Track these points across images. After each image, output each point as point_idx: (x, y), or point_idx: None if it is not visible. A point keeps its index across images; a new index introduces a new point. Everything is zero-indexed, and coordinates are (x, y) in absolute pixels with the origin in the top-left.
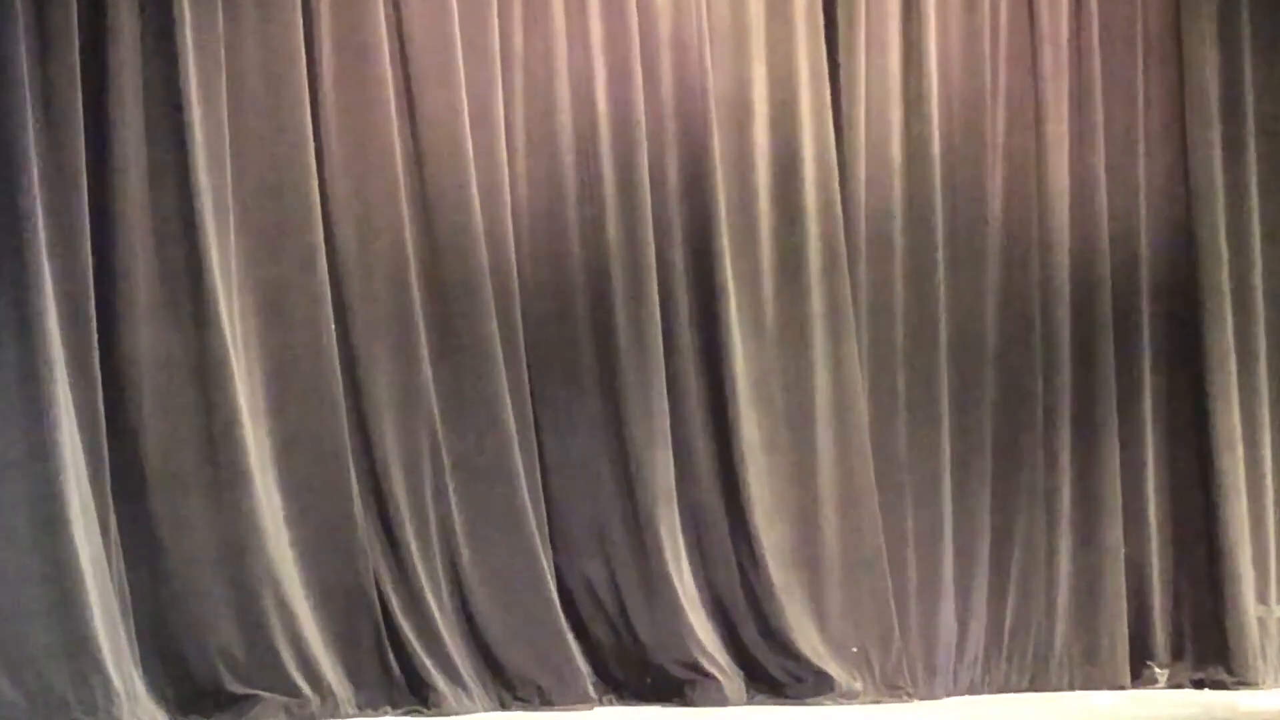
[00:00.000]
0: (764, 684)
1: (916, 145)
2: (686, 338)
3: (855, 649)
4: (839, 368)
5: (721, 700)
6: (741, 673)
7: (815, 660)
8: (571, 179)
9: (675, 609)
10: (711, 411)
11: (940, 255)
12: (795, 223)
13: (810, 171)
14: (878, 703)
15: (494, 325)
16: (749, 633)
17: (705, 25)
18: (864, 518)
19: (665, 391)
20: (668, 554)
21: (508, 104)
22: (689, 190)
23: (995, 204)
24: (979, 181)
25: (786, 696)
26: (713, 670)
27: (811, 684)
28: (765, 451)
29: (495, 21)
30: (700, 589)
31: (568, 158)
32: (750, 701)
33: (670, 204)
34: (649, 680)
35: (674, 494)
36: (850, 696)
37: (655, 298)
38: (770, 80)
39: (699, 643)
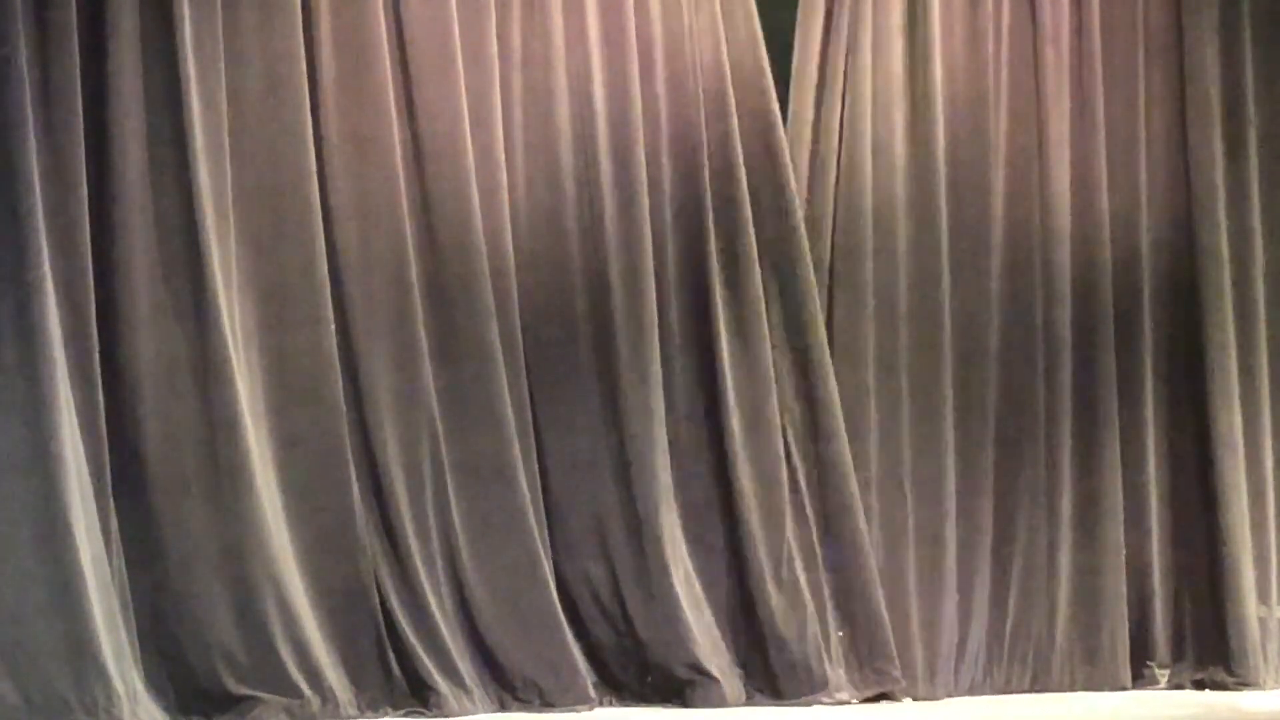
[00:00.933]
0: (763, 684)
1: (921, 145)
2: (684, 338)
3: (840, 634)
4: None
5: (721, 701)
6: (741, 673)
7: (814, 660)
8: (570, 179)
9: (675, 610)
10: (709, 412)
11: (944, 255)
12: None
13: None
14: (877, 702)
15: (494, 325)
16: (749, 633)
17: (702, 26)
18: (862, 517)
19: (663, 392)
20: (667, 554)
21: (506, 105)
22: (685, 190)
23: (998, 204)
24: (982, 182)
25: (785, 696)
26: (712, 671)
27: (810, 684)
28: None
29: (494, 23)
30: (700, 589)
31: (566, 158)
32: (750, 702)
33: (667, 204)
34: (649, 681)
35: (673, 494)
36: (849, 696)
37: (653, 297)
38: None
39: (699, 643)
